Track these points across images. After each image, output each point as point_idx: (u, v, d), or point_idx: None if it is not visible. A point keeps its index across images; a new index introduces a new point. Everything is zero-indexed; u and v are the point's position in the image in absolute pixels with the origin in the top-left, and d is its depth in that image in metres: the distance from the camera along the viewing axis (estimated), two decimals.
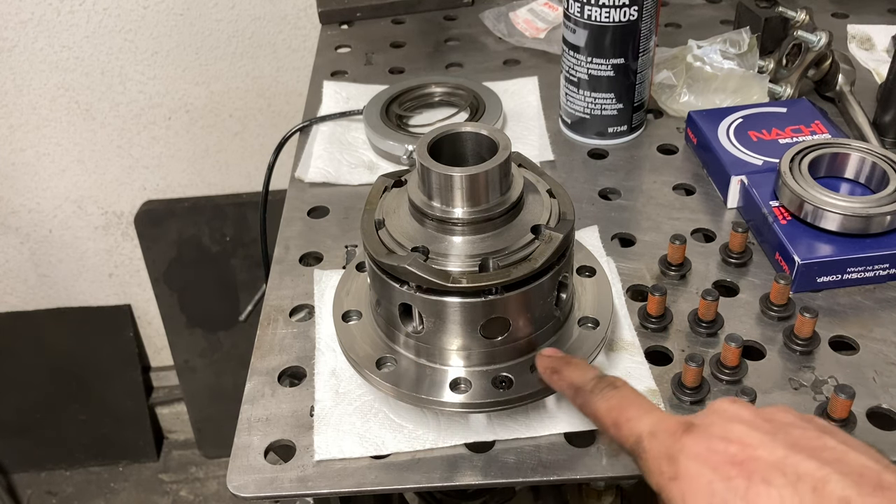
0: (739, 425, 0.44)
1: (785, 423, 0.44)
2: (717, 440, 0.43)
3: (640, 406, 0.48)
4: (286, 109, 1.56)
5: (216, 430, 1.91)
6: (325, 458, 0.59)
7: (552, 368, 0.54)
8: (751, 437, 0.42)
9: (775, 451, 0.41)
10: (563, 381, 0.53)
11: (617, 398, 0.49)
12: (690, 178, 0.86)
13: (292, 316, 0.72)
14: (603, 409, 0.49)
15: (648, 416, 0.47)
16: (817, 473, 0.39)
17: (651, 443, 0.45)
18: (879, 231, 0.70)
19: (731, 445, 0.42)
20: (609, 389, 0.50)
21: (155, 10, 1.42)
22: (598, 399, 0.50)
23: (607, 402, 0.49)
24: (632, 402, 0.48)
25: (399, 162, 0.88)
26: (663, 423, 0.46)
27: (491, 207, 0.55)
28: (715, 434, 0.43)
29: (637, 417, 0.47)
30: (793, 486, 0.39)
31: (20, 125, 1.53)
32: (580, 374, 0.52)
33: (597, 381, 0.51)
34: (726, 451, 0.42)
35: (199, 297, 1.74)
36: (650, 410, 0.47)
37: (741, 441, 0.42)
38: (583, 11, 0.83)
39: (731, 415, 0.45)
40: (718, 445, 0.43)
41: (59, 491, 1.95)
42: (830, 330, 0.67)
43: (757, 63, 0.93)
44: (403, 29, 1.19)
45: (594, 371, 0.52)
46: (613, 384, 0.50)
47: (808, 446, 0.41)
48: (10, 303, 1.79)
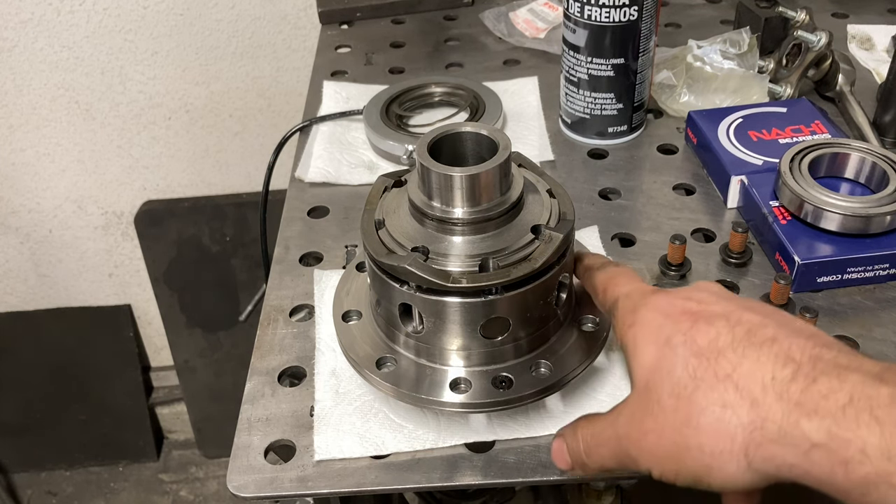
0: (706, 293, 0.48)
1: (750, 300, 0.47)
2: (679, 298, 0.47)
3: (629, 276, 0.53)
4: (286, 109, 1.56)
5: (216, 430, 1.91)
6: (325, 458, 0.59)
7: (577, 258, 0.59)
8: (709, 299, 0.47)
9: (727, 307, 0.45)
10: (581, 265, 0.59)
11: (613, 272, 0.54)
12: (690, 178, 0.86)
13: (292, 316, 0.72)
14: (600, 279, 0.55)
15: (631, 283, 0.52)
16: (757, 321, 0.44)
17: (624, 301, 0.50)
18: (879, 231, 0.70)
19: (689, 302, 0.47)
20: (611, 266, 0.56)
21: (155, 10, 1.42)
22: (600, 272, 0.55)
23: (604, 274, 0.55)
24: (624, 274, 0.54)
25: (399, 162, 0.88)
26: (640, 288, 0.51)
27: (491, 207, 0.55)
28: (680, 295, 0.48)
29: (621, 284, 0.52)
30: (731, 328, 0.43)
31: (20, 125, 1.53)
32: (595, 258, 0.58)
33: (604, 262, 0.57)
34: (684, 305, 0.46)
35: (199, 297, 1.74)
36: (636, 280, 0.53)
37: (700, 300, 0.47)
38: (583, 11, 0.83)
39: (702, 286, 0.49)
40: (678, 301, 0.47)
41: (59, 491, 1.95)
42: (830, 330, 0.67)
43: (757, 63, 0.93)
44: (403, 29, 1.19)
45: (608, 259, 0.58)
46: (617, 264, 0.56)
47: (761, 310, 0.45)
48: (10, 303, 1.79)
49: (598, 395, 0.62)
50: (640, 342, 0.47)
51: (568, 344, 0.59)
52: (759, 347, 0.42)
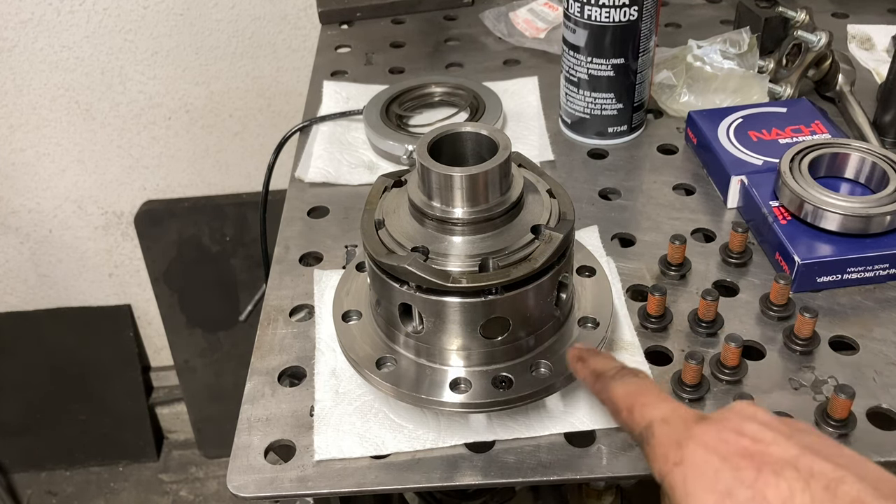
0: (754, 423, 0.43)
1: (801, 428, 0.43)
2: (730, 432, 0.42)
3: (657, 395, 0.47)
4: (286, 109, 1.56)
5: (216, 430, 1.91)
6: (325, 458, 0.59)
7: (578, 356, 0.55)
8: (764, 434, 0.42)
9: (789, 450, 0.40)
10: (587, 369, 0.53)
11: (635, 385, 0.49)
12: (690, 178, 0.86)
13: (292, 316, 0.72)
14: (620, 394, 0.49)
15: (664, 403, 0.46)
16: (832, 474, 0.38)
17: (661, 428, 0.44)
18: (879, 231, 0.70)
19: (743, 438, 0.41)
20: (630, 377, 0.50)
21: (155, 10, 1.42)
22: (617, 384, 0.49)
23: (625, 388, 0.49)
24: (649, 390, 0.48)
25: (399, 162, 0.88)
26: (677, 412, 0.45)
27: (491, 207, 0.55)
28: (728, 427, 0.42)
29: (652, 404, 0.46)
30: (805, 481, 0.38)
31: (20, 125, 1.53)
32: (604, 363, 0.52)
33: (619, 369, 0.51)
34: (738, 442, 0.41)
35: (199, 297, 1.74)
36: (666, 400, 0.47)
37: (754, 436, 0.41)
38: (583, 11, 0.83)
39: (747, 414, 0.44)
40: (730, 437, 0.42)
41: (59, 491, 1.95)
42: (830, 330, 0.67)
43: (757, 63, 0.93)
44: (403, 29, 1.19)
45: (619, 362, 0.52)
46: (634, 373, 0.50)
47: (824, 451, 0.40)
48: (10, 303, 1.79)
49: None
50: (692, 488, 0.41)
51: (568, 344, 0.59)
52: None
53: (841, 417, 0.58)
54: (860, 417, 0.60)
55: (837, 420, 0.59)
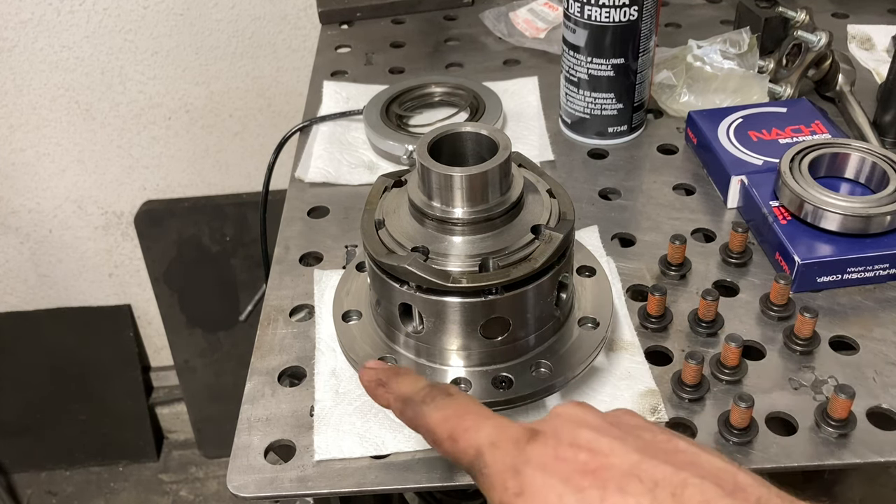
0: (587, 430, 0.40)
1: (633, 426, 0.41)
2: (565, 447, 0.39)
3: (478, 414, 0.43)
4: (286, 109, 1.56)
5: (216, 430, 1.91)
6: (325, 458, 0.59)
7: (377, 381, 0.49)
8: (600, 443, 0.39)
9: (628, 457, 0.38)
10: (391, 394, 0.47)
11: (452, 407, 0.44)
12: (690, 178, 0.86)
13: (292, 316, 0.72)
14: (436, 420, 0.43)
15: (487, 423, 0.42)
16: (674, 478, 0.37)
17: (492, 455, 0.40)
18: (879, 231, 0.70)
19: (580, 452, 0.39)
20: (442, 398, 0.44)
21: (155, 10, 1.42)
22: (431, 409, 0.44)
23: (441, 412, 0.44)
24: (468, 409, 0.43)
25: (399, 162, 0.88)
26: (505, 432, 0.41)
27: (491, 207, 0.55)
28: (563, 440, 0.40)
29: (475, 427, 0.42)
30: (650, 492, 0.37)
31: (20, 125, 1.53)
32: (409, 384, 0.47)
33: (428, 390, 0.45)
34: (576, 458, 0.39)
35: (199, 297, 1.74)
36: (489, 417, 0.43)
37: (591, 447, 0.39)
38: (583, 11, 0.83)
39: (577, 419, 0.41)
40: (567, 453, 0.39)
41: (59, 491, 1.95)
42: (830, 330, 0.67)
43: (757, 63, 0.93)
44: (403, 29, 1.19)
45: (424, 381, 0.47)
46: (447, 392, 0.45)
47: (661, 450, 0.39)
48: (10, 303, 1.79)
49: (599, 395, 0.62)
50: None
51: (568, 344, 0.59)
52: None
53: (841, 417, 0.58)
54: (860, 417, 0.60)
55: (837, 420, 0.59)
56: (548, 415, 0.43)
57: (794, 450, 0.58)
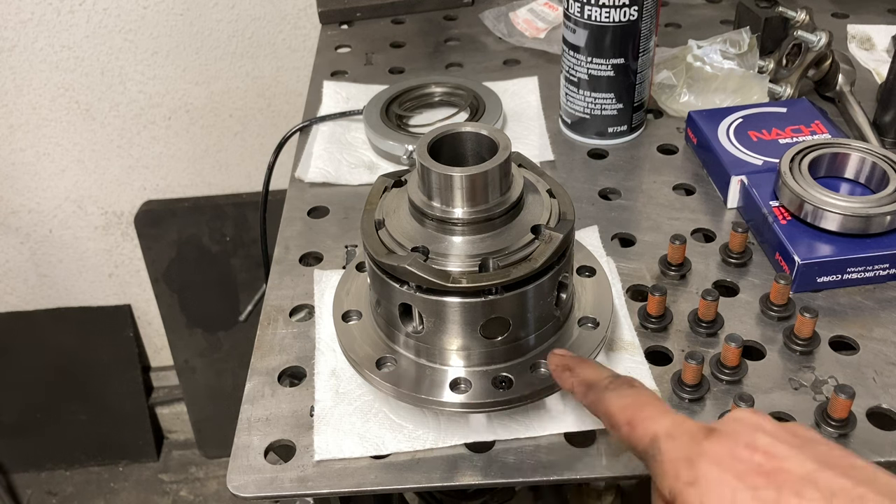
0: (764, 435, 0.41)
1: (809, 438, 0.42)
2: (742, 447, 0.40)
3: (657, 406, 0.45)
4: (286, 109, 1.56)
5: (216, 430, 1.91)
6: (325, 458, 0.59)
7: (564, 366, 0.53)
8: (777, 448, 0.40)
9: (805, 465, 0.39)
10: (576, 378, 0.51)
11: (633, 396, 0.47)
12: (690, 178, 0.86)
13: (292, 316, 0.72)
14: (617, 407, 0.47)
15: (666, 416, 0.44)
16: (853, 491, 0.37)
17: (668, 444, 0.42)
18: (879, 231, 0.70)
19: (756, 454, 0.40)
20: (626, 387, 0.48)
21: (155, 10, 1.42)
22: (613, 396, 0.47)
23: (622, 400, 0.47)
24: (649, 401, 0.46)
25: (399, 162, 0.88)
26: (683, 425, 0.43)
27: (491, 207, 0.55)
28: (739, 441, 0.41)
29: (654, 417, 0.44)
30: (827, 500, 0.37)
31: (20, 125, 1.53)
32: (595, 372, 0.50)
33: (612, 379, 0.49)
34: (752, 459, 0.40)
35: (199, 297, 1.74)
36: (668, 412, 0.45)
37: (767, 451, 0.40)
38: (583, 11, 0.83)
39: (753, 424, 0.42)
40: (743, 453, 0.40)
41: (59, 491, 1.95)
42: (830, 330, 0.67)
43: (757, 63, 0.93)
44: (403, 29, 1.19)
45: (609, 370, 0.51)
46: (630, 383, 0.48)
47: (838, 464, 0.39)
48: (10, 303, 1.79)
49: None
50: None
51: (568, 344, 0.59)
52: None
53: (841, 417, 0.58)
54: (860, 417, 0.60)
55: (837, 420, 0.59)
56: (725, 417, 0.44)
57: None
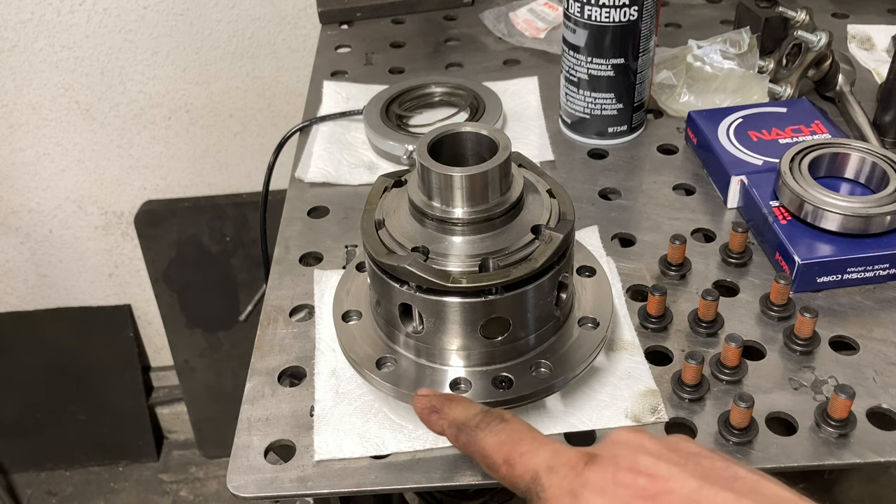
0: (645, 456, 0.40)
1: (692, 452, 0.41)
2: (624, 472, 0.40)
3: (533, 439, 0.43)
4: (286, 109, 1.56)
5: (216, 430, 1.91)
6: (325, 458, 0.59)
7: (431, 408, 0.49)
8: (659, 468, 0.39)
9: (687, 483, 0.38)
10: (444, 420, 0.48)
11: (507, 431, 0.44)
12: (690, 178, 0.86)
13: (292, 316, 0.72)
14: (492, 445, 0.44)
15: (544, 448, 0.42)
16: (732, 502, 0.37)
17: (550, 479, 0.41)
18: (879, 231, 0.70)
19: (639, 477, 0.39)
20: (497, 423, 0.45)
21: (155, 10, 1.42)
22: (486, 434, 0.45)
23: (496, 437, 0.44)
24: (524, 435, 0.44)
25: (399, 162, 0.88)
26: (562, 456, 0.42)
27: (491, 207, 0.55)
28: (621, 465, 0.40)
29: (532, 451, 0.42)
30: None
31: (20, 125, 1.53)
32: (463, 411, 0.48)
33: (482, 416, 0.46)
34: (635, 483, 0.39)
35: (199, 297, 1.74)
36: (545, 443, 0.43)
37: (649, 472, 0.39)
38: (583, 11, 0.83)
39: (634, 445, 0.41)
40: (626, 477, 0.39)
41: (59, 491, 1.95)
42: (830, 330, 0.67)
43: (757, 63, 0.93)
44: (403, 29, 1.19)
45: (478, 406, 0.48)
46: (502, 417, 0.46)
47: (721, 476, 0.39)
48: (10, 303, 1.79)
49: (599, 395, 0.62)
50: None
51: (568, 344, 0.59)
52: None
53: (841, 417, 0.58)
54: (860, 417, 0.60)
55: (837, 420, 0.59)
56: (605, 440, 0.43)
57: (794, 450, 0.58)
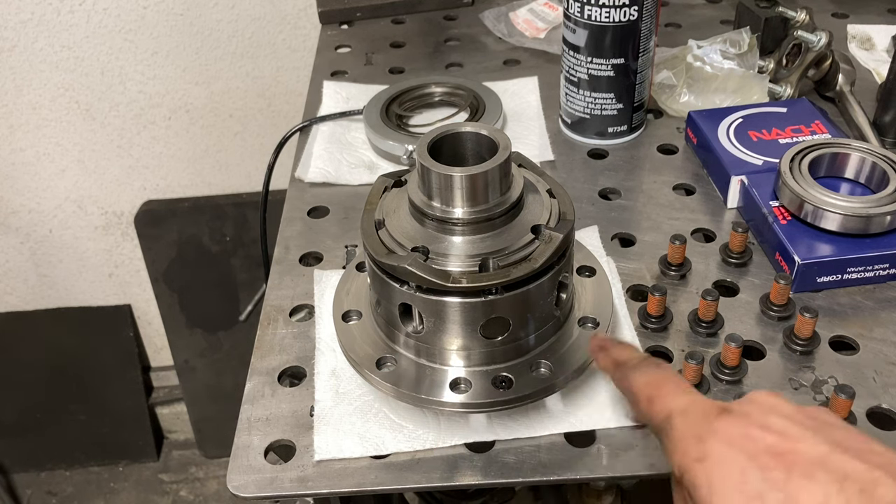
0: (779, 417, 0.41)
1: (828, 422, 0.41)
2: (755, 428, 0.40)
3: (678, 385, 0.46)
4: (286, 109, 1.56)
5: (216, 430, 1.91)
6: (325, 458, 0.59)
7: (600, 346, 0.54)
8: (791, 430, 0.40)
9: (818, 447, 0.38)
10: (608, 358, 0.52)
11: (656, 375, 0.48)
12: (690, 178, 0.86)
13: (292, 316, 0.72)
14: (640, 383, 0.48)
15: (684, 395, 0.45)
16: (866, 475, 0.36)
17: (681, 420, 0.43)
18: (879, 231, 0.70)
19: (769, 435, 0.39)
20: (650, 367, 0.49)
21: (155, 10, 1.42)
22: (638, 374, 0.48)
23: (646, 377, 0.48)
24: (671, 380, 0.47)
25: (399, 162, 0.88)
26: (698, 403, 0.43)
27: (491, 207, 0.55)
28: (753, 422, 0.40)
29: (671, 395, 0.45)
30: (839, 483, 0.36)
31: (20, 125, 1.53)
32: (626, 353, 0.51)
33: (641, 359, 0.50)
34: (764, 439, 0.39)
35: (199, 297, 1.74)
36: (687, 391, 0.45)
37: (781, 432, 0.39)
38: (583, 11, 0.83)
39: (770, 405, 0.42)
40: (755, 433, 0.40)
41: (59, 491, 1.95)
42: (830, 330, 0.67)
43: (757, 63, 0.93)
44: (403, 29, 1.19)
45: (641, 353, 0.52)
46: (656, 363, 0.49)
47: (854, 447, 0.38)
48: (10, 303, 1.79)
49: (599, 396, 0.62)
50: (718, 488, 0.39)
51: (568, 344, 0.59)
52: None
53: (841, 417, 0.58)
54: (860, 417, 0.60)
55: None
56: (742, 398, 0.44)
57: None
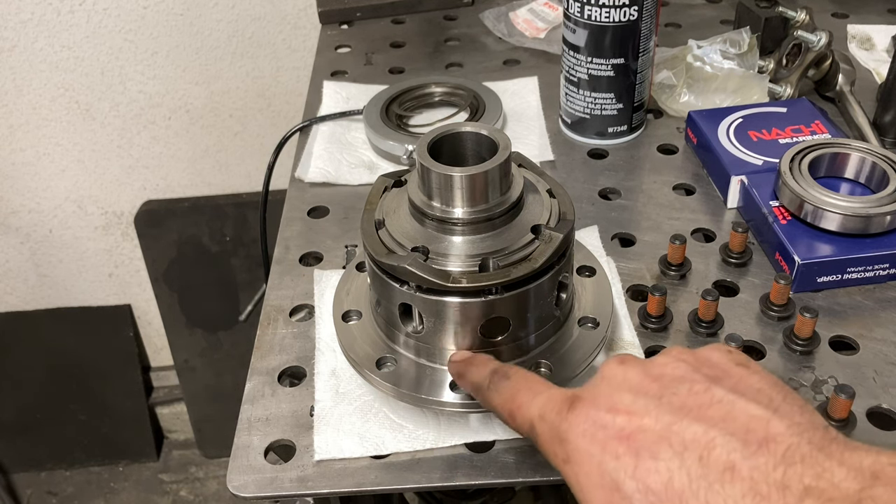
0: (624, 392, 0.41)
1: (674, 378, 0.41)
2: (603, 411, 0.41)
3: (529, 390, 0.46)
4: (286, 109, 1.56)
5: (216, 430, 1.91)
6: (325, 458, 0.59)
7: (458, 373, 0.53)
8: (637, 405, 0.40)
9: (661, 418, 0.39)
10: (468, 384, 0.52)
11: (508, 388, 0.48)
12: (690, 178, 0.86)
13: (292, 316, 0.72)
14: (498, 403, 0.48)
15: (537, 398, 0.45)
16: (703, 438, 0.37)
17: (541, 426, 0.43)
18: (879, 231, 0.70)
19: (618, 417, 0.40)
20: (501, 381, 0.48)
21: (155, 10, 1.42)
22: (493, 394, 0.48)
23: (500, 396, 0.48)
24: (521, 388, 0.47)
25: (399, 162, 0.88)
26: (552, 402, 0.43)
27: (491, 207, 0.55)
28: (601, 406, 0.41)
29: (526, 403, 0.45)
30: (679, 457, 0.37)
31: (20, 125, 1.53)
32: (478, 372, 0.51)
33: (491, 376, 0.49)
34: (613, 423, 0.40)
35: (199, 297, 1.74)
36: (539, 392, 0.45)
37: (628, 410, 0.40)
38: (583, 11, 0.83)
39: (619, 380, 0.42)
40: (605, 418, 0.40)
41: (59, 491, 1.95)
42: (830, 330, 0.67)
43: (757, 63, 0.93)
44: (403, 29, 1.19)
45: (491, 365, 0.51)
46: (506, 375, 0.49)
47: (695, 405, 0.39)
48: (10, 303, 1.79)
49: None
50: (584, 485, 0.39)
51: (568, 344, 0.59)
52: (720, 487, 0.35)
53: (841, 417, 0.58)
54: (860, 417, 0.60)
55: (837, 420, 0.58)
56: (594, 376, 0.44)
57: None
